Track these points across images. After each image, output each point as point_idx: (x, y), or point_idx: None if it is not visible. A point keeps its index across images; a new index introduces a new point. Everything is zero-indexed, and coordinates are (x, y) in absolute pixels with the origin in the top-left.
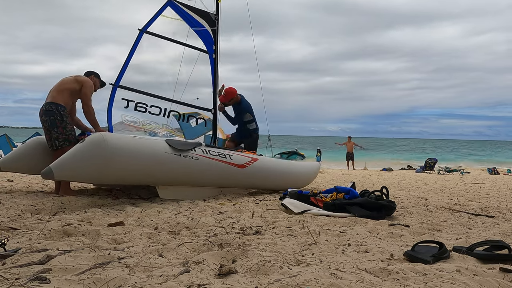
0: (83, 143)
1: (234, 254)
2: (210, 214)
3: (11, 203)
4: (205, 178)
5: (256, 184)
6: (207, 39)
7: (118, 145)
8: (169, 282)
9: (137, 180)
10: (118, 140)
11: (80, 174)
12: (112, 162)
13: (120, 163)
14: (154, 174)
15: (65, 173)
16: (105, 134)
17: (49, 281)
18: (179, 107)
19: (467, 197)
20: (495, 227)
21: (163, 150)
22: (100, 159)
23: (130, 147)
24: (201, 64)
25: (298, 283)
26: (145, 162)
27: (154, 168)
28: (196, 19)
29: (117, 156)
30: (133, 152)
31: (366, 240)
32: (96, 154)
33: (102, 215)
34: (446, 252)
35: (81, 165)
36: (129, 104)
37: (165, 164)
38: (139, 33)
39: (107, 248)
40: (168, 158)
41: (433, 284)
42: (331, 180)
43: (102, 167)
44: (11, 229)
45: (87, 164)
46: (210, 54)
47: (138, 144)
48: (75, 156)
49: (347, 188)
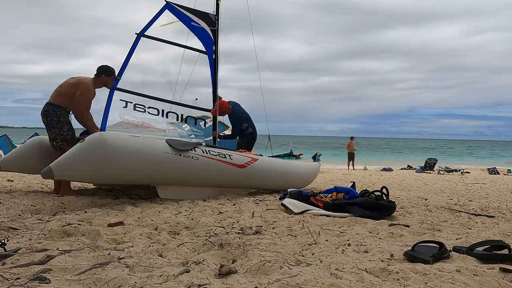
0: (83, 142)
1: (234, 254)
2: (210, 214)
3: (11, 203)
4: (205, 178)
5: (256, 184)
6: (206, 40)
7: (118, 145)
8: (169, 282)
9: (137, 180)
10: (118, 140)
11: (80, 174)
12: (112, 162)
13: (120, 163)
14: (154, 174)
15: (65, 172)
16: (105, 134)
17: (49, 281)
18: (179, 109)
19: (467, 197)
20: (495, 227)
21: (163, 150)
22: (100, 159)
23: (130, 147)
24: (201, 64)
25: (298, 283)
26: (145, 162)
27: (154, 168)
28: (195, 21)
29: (117, 156)
30: (133, 152)
31: (366, 240)
32: (96, 154)
33: (102, 215)
34: (446, 252)
35: (81, 165)
36: (128, 105)
37: (165, 164)
38: (137, 37)
39: (107, 248)
40: (168, 158)
41: (433, 284)
42: (331, 180)
43: (102, 167)
44: (11, 229)
45: (87, 164)
46: (209, 55)
47: (138, 144)
48: (75, 156)
49: (347, 188)
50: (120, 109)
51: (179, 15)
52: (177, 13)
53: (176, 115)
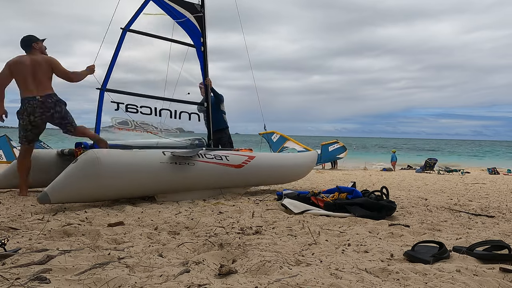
0: (76, 163)
1: (234, 254)
2: (210, 214)
3: (11, 203)
4: (203, 182)
5: (255, 181)
6: (193, 32)
7: (111, 162)
8: (169, 282)
9: (135, 193)
10: (111, 156)
11: (77, 195)
12: (108, 179)
13: (116, 179)
14: (151, 186)
15: (62, 195)
16: (97, 152)
17: (49, 281)
18: (173, 105)
19: (467, 197)
20: (495, 227)
21: (158, 161)
22: (95, 178)
23: (123, 162)
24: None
25: (298, 283)
26: (141, 175)
27: (150, 180)
28: (180, 12)
29: (112, 172)
30: (128, 166)
31: (366, 240)
32: (90, 173)
33: (102, 215)
34: (446, 252)
35: (76, 186)
36: (119, 106)
37: (161, 175)
38: (122, 31)
39: (107, 248)
40: (163, 168)
41: (433, 284)
42: (331, 180)
43: (98, 186)
44: (11, 229)
45: (82, 184)
46: (197, 47)
47: (132, 158)
48: (69, 177)
49: (350, 188)
50: (112, 112)
51: (164, 6)
52: (162, 5)
53: (169, 112)
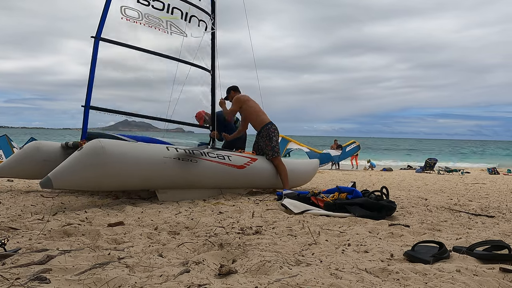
0: (81, 151)
1: (234, 254)
2: (210, 214)
3: (11, 203)
4: (205, 180)
5: (256, 183)
6: None
7: (115, 152)
8: (169, 282)
9: (136, 186)
10: (116, 147)
11: (79, 182)
12: (110, 169)
13: (119, 170)
14: (153, 180)
15: (64, 181)
16: (102, 141)
17: (49, 281)
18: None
19: (467, 197)
20: (495, 227)
21: (162, 155)
22: (98, 166)
23: (128, 154)
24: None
25: (298, 283)
26: (144, 168)
27: (153, 174)
28: None
29: (115, 163)
30: (131, 158)
31: (366, 240)
32: (94, 161)
33: (102, 215)
34: (446, 252)
35: (79, 173)
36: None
37: (164, 169)
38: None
39: (107, 248)
40: (167, 163)
41: (433, 284)
42: (331, 180)
43: (100, 175)
44: (11, 229)
45: (85, 172)
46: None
47: (137, 150)
48: (73, 164)
49: (350, 188)
50: None
51: None
52: None
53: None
